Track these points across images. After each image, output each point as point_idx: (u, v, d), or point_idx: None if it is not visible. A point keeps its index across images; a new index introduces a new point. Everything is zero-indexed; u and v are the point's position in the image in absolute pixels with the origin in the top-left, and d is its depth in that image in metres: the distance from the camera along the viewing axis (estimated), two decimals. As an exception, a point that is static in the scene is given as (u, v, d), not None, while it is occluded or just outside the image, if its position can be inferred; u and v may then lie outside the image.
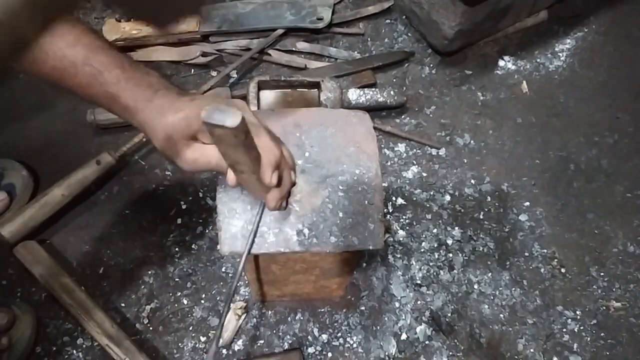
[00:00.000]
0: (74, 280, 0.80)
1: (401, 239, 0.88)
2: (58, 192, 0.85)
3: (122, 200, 0.91)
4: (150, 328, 0.80)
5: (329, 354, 0.79)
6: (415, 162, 0.97)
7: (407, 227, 0.90)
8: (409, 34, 1.13)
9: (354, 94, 0.99)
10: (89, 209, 0.90)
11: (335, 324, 0.81)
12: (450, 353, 0.80)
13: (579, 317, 0.84)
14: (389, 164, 0.97)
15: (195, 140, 0.51)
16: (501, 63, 1.10)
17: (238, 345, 0.79)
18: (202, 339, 0.80)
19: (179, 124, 0.49)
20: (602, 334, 0.83)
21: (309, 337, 0.80)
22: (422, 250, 0.87)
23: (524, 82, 1.08)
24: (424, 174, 0.96)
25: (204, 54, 1.06)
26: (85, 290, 0.80)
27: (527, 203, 0.94)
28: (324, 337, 0.80)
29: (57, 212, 0.86)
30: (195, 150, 0.51)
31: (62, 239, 0.87)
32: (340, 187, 0.57)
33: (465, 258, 0.87)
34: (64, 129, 0.98)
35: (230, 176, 0.51)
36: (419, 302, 0.83)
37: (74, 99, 0.97)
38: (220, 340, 0.79)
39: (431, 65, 1.09)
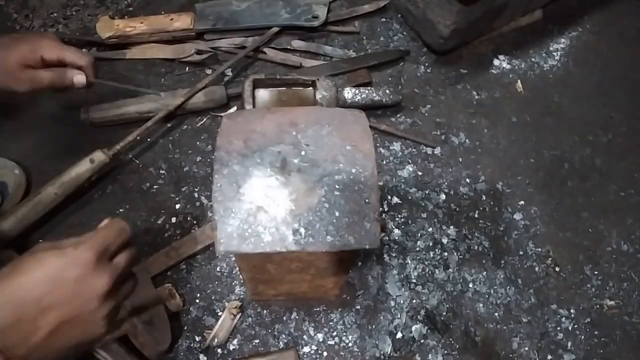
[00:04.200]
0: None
1: (396, 237, 0.88)
2: (51, 190, 0.84)
3: (115, 199, 0.91)
4: (145, 328, 0.80)
5: (325, 353, 0.79)
6: (410, 161, 0.97)
7: (403, 226, 0.90)
8: (405, 33, 1.13)
9: (349, 93, 0.98)
10: (82, 208, 0.89)
11: (331, 323, 0.81)
12: (446, 352, 0.80)
13: (573, 315, 0.84)
14: (384, 162, 0.97)
15: (27, 68, 0.71)
16: (496, 62, 1.11)
17: (233, 344, 0.79)
18: (197, 338, 0.79)
19: (15, 60, 0.70)
20: (595, 332, 0.83)
21: (305, 336, 0.80)
22: (418, 249, 0.87)
23: (519, 81, 1.08)
24: (419, 173, 0.96)
25: (198, 52, 1.06)
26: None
27: (522, 202, 0.94)
28: (320, 336, 0.80)
29: (50, 210, 0.85)
30: (28, 73, 0.71)
31: (55, 238, 0.85)
32: (337, 186, 0.56)
33: (460, 257, 0.87)
34: (56, 127, 0.97)
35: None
36: (414, 301, 0.83)
37: (67, 97, 0.96)
38: (216, 340, 0.78)
39: (426, 64, 1.09)
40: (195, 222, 0.89)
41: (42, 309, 0.45)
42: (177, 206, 0.90)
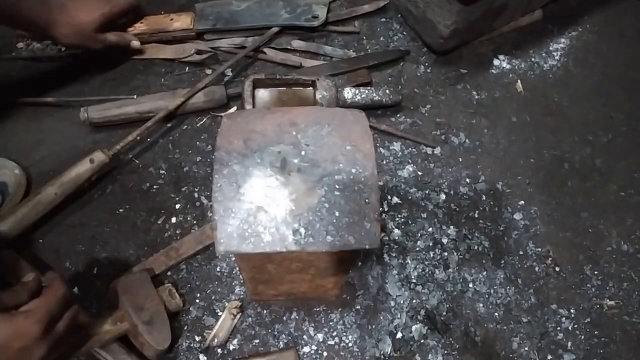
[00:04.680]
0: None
1: (396, 237, 0.88)
2: (51, 190, 0.84)
3: (115, 199, 0.91)
4: (145, 328, 0.80)
5: (325, 353, 0.79)
6: (410, 161, 0.97)
7: (403, 226, 0.90)
8: (405, 33, 1.13)
9: (349, 93, 0.98)
10: (82, 208, 0.89)
11: (331, 323, 0.81)
12: (445, 351, 0.80)
13: (573, 315, 0.84)
14: (384, 162, 0.96)
15: (100, 31, 0.96)
16: (496, 62, 1.11)
17: (233, 344, 0.79)
18: (197, 338, 0.79)
19: (93, 28, 0.94)
20: (596, 332, 0.83)
21: (305, 336, 0.80)
22: (418, 249, 0.87)
23: (519, 81, 1.08)
24: (419, 173, 0.96)
25: (198, 52, 1.06)
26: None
27: (522, 202, 0.94)
28: (320, 336, 0.80)
29: (50, 210, 0.85)
30: (101, 37, 0.96)
31: (55, 238, 0.86)
32: (337, 186, 0.56)
33: (460, 257, 0.87)
34: (56, 126, 0.97)
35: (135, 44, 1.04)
36: (414, 301, 0.83)
37: (67, 96, 0.97)
38: (216, 340, 0.78)
39: (426, 64, 1.09)
40: (195, 222, 0.89)
41: None
42: (177, 206, 0.90)
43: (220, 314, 0.81)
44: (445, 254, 0.87)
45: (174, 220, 0.89)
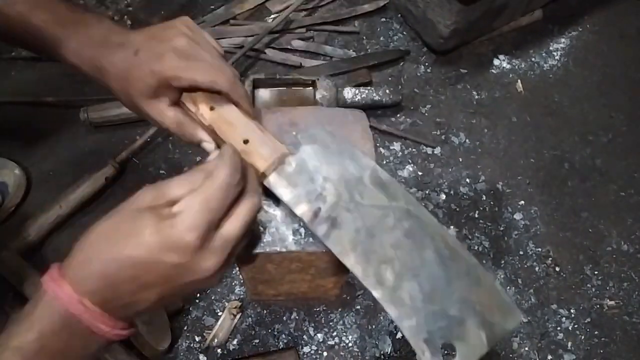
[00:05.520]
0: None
1: (396, 237, 0.88)
2: (71, 202, 0.85)
3: (115, 199, 0.90)
4: (145, 328, 0.80)
5: (325, 353, 0.79)
6: (410, 161, 0.97)
7: (403, 226, 0.89)
8: (405, 33, 1.13)
9: (349, 93, 0.98)
10: (83, 209, 0.89)
11: (331, 323, 0.81)
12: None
13: (573, 315, 0.84)
14: (384, 162, 0.96)
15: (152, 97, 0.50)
16: (496, 62, 1.10)
17: (233, 344, 0.79)
18: (197, 338, 0.79)
19: (140, 92, 0.49)
20: (596, 332, 0.83)
21: (305, 336, 0.80)
22: (418, 249, 0.87)
23: (519, 81, 1.08)
24: (420, 173, 0.96)
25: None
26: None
27: (522, 202, 0.94)
28: (320, 336, 0.80)
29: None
30: (150, 106, 0.51)
31: (56, 240, 0.86)
32: (337, 186, 0.56)
33: (460, 257, 0.87)
34: (56, 126, 0.97)
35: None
36: (414, 301, 0.83)
37: (67, 97, 0.96)
38: (216, 340, 0.78)
39: (426, 63, 1.09)
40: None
41: (140, 287, 0.40)
42: (177, 206, 0.90)
43: (220, 314, 0.81)
44: (446, 254, 0.87)
45: (174, 220, 0.88)
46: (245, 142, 0.50)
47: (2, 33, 0.54)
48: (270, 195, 0.52)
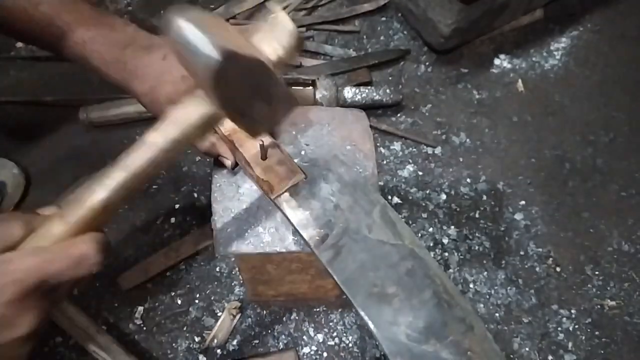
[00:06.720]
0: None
1: (397, 238, 0.88)
2: None
3: (115, 198, 0.90)
4: (144, 328, 0.80)
5: (325, 354, 0.79)
6: (411, 161, 0.97)
7: (403, 226, 0.89)
8: (405, 32, 1.13)
9: (349, 92, 0.98)
10: (82, 208, 0.89)
11: (331, 324, 0.81)
12: (446, 352, 0.80)
13: (574, 315, 0.84)
14: (384, 162, 0.96)
15: None
16: (497, 61, 1.10)
17: (233, 345, 0.79)
18: (197, 339, 0.79)
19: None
20: (596, 333, 0.83)
21: (304, 336, 0.80)
22: (418, 249, 0.87)
23: (520, 80, 1.08)
24: (420, 173, 0.95)
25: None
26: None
27: (523, 202, 0.94)
28: (320, 336, 0.80)
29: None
30: None
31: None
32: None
33: (460, 257, 0.87)
34: (56, 126, 0.97)
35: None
36: (414, 302, 0.83)
37: (66, 96, 0.96)
38: (215, 340, 0.78)
39: (427, 63, 1.09)
40: (194, 222, 0.88)
41: None
42: (177, 206, 0.90)
43: (219, 314, 0.80)
44: (446, 254, 0.87)
45: (173, 220, 0.88)
46: (263, 158, 0.51)
47: (23, 33, 0.53)
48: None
